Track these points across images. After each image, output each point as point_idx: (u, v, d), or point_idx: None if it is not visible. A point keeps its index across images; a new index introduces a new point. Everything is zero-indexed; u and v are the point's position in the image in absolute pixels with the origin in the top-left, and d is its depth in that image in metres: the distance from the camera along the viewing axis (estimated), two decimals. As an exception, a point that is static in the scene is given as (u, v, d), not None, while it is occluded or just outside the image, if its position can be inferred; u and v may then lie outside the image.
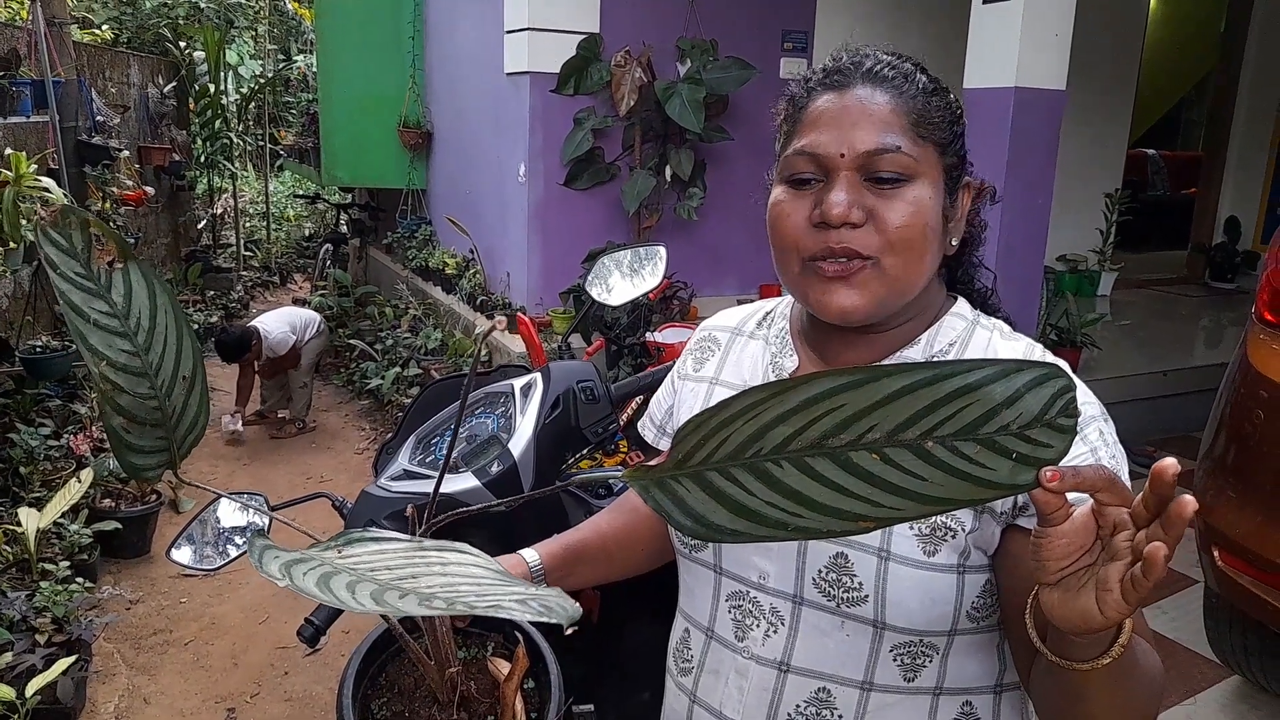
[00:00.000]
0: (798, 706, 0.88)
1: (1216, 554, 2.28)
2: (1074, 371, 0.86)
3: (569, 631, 0.48)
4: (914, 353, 0.89)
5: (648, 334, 3.88)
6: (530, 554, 1.04)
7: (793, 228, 0.84)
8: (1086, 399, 0.83)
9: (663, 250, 1.56)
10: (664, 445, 1.11)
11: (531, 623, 0.94)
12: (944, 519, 0.82)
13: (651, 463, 0.62)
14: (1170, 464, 0.56)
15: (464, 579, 0.46)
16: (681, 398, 1.06)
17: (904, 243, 0.81)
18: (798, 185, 0.85)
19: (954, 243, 0.89)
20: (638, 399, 1.69)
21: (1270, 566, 2.12)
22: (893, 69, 0.85)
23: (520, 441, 1.32)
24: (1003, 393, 0.55)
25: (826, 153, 0.82)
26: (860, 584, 0.84)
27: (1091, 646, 0.65)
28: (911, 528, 0.82)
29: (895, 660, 0.85)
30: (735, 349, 1.03)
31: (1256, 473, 2.21)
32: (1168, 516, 0.57)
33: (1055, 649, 0.67)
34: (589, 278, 1.54)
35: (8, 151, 3.77)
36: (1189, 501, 0.56)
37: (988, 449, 0.56)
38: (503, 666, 0.87)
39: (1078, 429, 0.79)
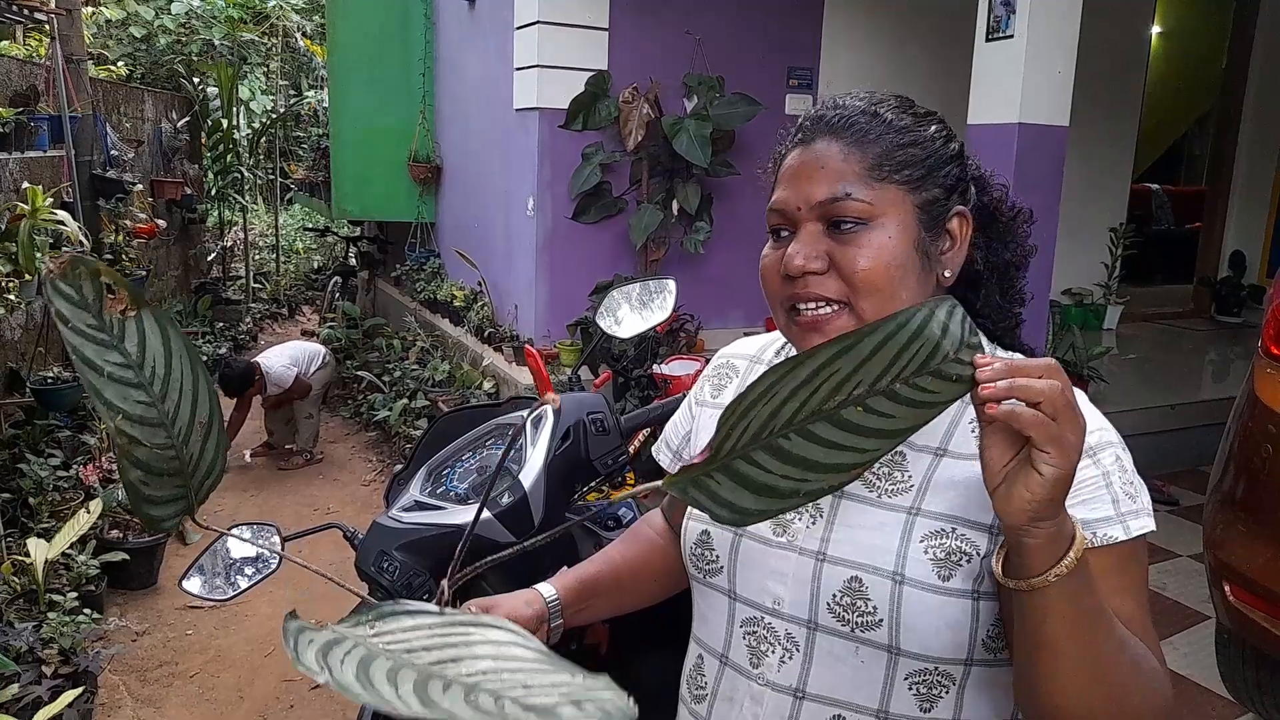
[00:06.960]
0: None
1: (1227, 589, 2.27)
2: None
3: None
4: None
5: (655, 366, 3.90)
6: (547, 589, 1.05)
7: (773, 278, 0.89)
8: (1102, 425, 0.84)
9: (672, 284, 1.57)
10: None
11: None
12: (959, 544, 0.83)
13: (694, 461, 0.66)
14: (978, 358, 0.65)
15: (506, 663, 0.44)
16: (700, 424, 1.07)
17: (868, 285, 0.83)
18: (776, 238, 0.90)
19: (947, 274, 0.89)
20: (646, 431, 1.70)
21: (1282, 601, 2.10)
22: (848, 119, 0.87)
23: (531, 473, 1.32)
24: (938, 328, 0.64)
25: (788, 207, 0.88)
26: (874, 608, 0.84)
27: (1043, 553, 0.70)
28: (926, 553, 0.83)
29: (910, 689, 0.85)
30: (753, 376, 1.04)
31: (1266, 507, 2.20)
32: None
33: (1012, 571, 0.73)
34: (599, 310, 1.56)
35: (24, 185, 3.83)
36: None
37: (937, 378, 0.65)
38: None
39: (1092, 452, 0.80)
